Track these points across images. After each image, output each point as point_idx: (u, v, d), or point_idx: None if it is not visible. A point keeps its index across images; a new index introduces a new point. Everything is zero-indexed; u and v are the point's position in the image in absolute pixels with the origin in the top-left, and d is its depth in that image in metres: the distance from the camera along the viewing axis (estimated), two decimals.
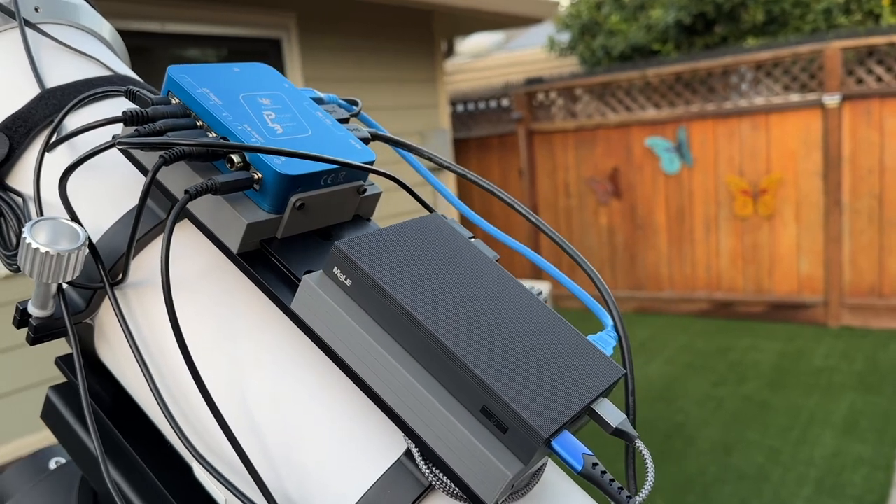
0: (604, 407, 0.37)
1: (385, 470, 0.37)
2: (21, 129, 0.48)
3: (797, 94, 5.18)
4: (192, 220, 0.42)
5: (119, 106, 0.50)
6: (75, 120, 0.49)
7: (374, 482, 0.37)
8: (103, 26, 0.60)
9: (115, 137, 0.40)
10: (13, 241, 0.48)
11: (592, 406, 0.37)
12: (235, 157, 0.40)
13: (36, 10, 0.54)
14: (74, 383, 0.50)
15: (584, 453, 0.34)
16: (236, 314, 0.43)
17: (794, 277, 5.38)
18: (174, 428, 0.39)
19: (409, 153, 0.51)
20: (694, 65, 5.49)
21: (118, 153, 0.46)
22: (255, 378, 0.41)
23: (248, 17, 4.09)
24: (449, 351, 0.35)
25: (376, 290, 0.36)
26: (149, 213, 0.45)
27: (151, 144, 0.38)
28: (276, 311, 0.42)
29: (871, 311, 5.14)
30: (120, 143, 0.38)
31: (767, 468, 3.42)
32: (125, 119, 0.40)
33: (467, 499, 0.35)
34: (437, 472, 0.36)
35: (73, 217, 0.42)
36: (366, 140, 0.49)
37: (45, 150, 0.45)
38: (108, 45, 0.60)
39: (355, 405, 0.40)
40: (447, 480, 0.36)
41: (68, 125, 0.48)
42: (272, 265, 0.41)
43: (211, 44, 4.12)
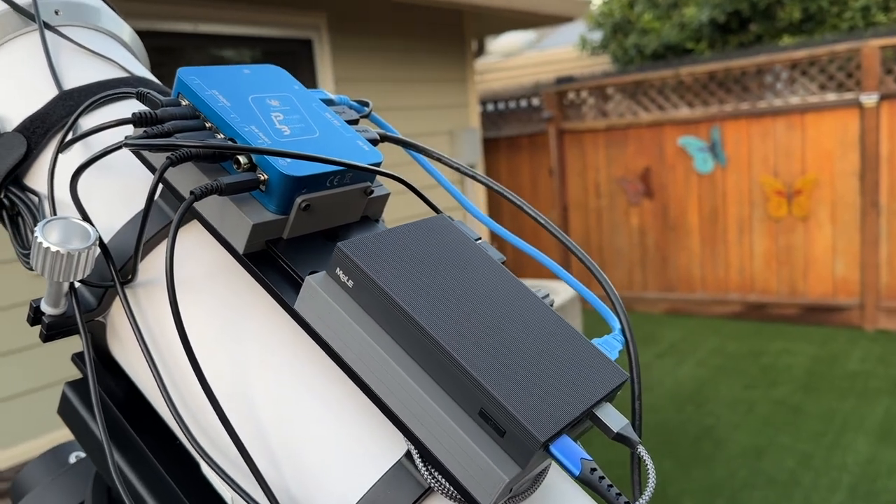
0: (606, 411, 0.37)
1: (385, 471, 0.37)
2: (39, 129, 0.49)
3: (834, 94, 5.09)
4: (200, 220, 0.42)
5: (134, 107, 0.51)
6: (91, 121, 0.49)
7: (374, 483, 0.37)
8: (123, 29, 0.61)
9: (127, 138, 0.40)
10: (30, 239, 0.49)
11: (594, 410, 0.37)
12: (242, 159, 0.41)
13: (56, 13, 0.55)
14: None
15: (582, 458, 0.34)
16: (243, 315, 0.43)
17: (829, 279, 5.28)
18: (179, 424, 0.39)
19: (420, 154, 0.51)
20: (728, 63, 5.42)
21: (132, 154, 0.47)
22: (260, 378, 0.41)
23: (280, 17, 4.13)
24: (447, 353, 0.35)
25: (377, 291, 0.36)
26: (160, 213, 0.45)
27: (158, 146, 0.39)
28: (282, 312, 0.43)
29: None
30: (127, 145, 0.39)
31: (799, 473, 3.37)
32: (134, 120, 0.41)
33: (465, 502, 0.35)
34: (435, 474, 0.36)
35: (85, 216, 0.43)
36: (374, 141, 0.49)
37: (59, 151, 0.45)
38: (128, 48, 0.61)
39: (358, 406, 0.40)
40: (445, 483, 0.36)
41: (84, 126, 0.49)
42: (278, 266, 0.41)
43: (243, 44, 4.17)
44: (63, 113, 0.49)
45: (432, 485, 0.36)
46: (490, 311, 0.38)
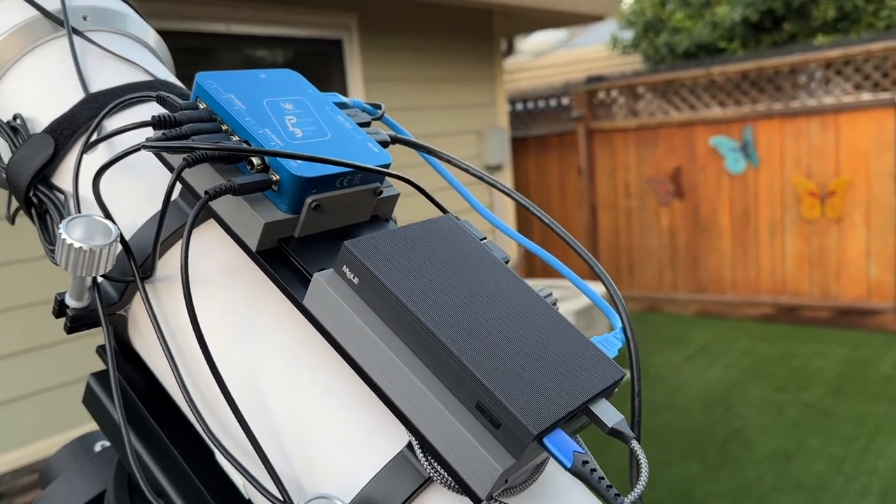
0: (602, 407, 0.38)
1: (388, 461, 0.39)
2: (66, 131, 0.52)
3: (869, 93, 5.01)
4: (216, 219, 0.44)
5: (156, 110, 0.53)
6: (115, 123, 0.52)
7: (377, 472, 0.39)
8: (149, 33, 0.63)
9: (147, 140, 0.42)
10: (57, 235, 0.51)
11: (590, 406, 0.38)
12: (255, 160, 0.42)
13: (84, 18, 0.58)
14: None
15: (575, 451, 0.35)
16: (257, 311, 0.45)
17: (862, 282, 5.20)
18: (193, 412, 0.41)
19: (430, 155, 0.53)
20: (761, 63, 5.36)
21: (153, 156, 0.49)
22: (271, 371, 0.43)
23: (311, 18, 4.17)
24: (445, 347, 0.36)
25: (380, 287, 0.38)
26: (179, 211, 0.47)
27: (175, 148, 0.41)
28: (293, 308, 0.44)
29: None
30: (146, 146, 0.41)
31: (828, 478, 3.32)
32: (154, 123, 0.43)
33: (462, 491, 0.37)
34: (434, 464, 0.37)
35: (107, 214, 0.45)
36: (385, 143, 0.50)
37: (84, 152, 0.48)
38: (153, 52, 0.63)
39: (364, 400, 0.41)
40: (444, 473, 0.37)
41: (108, 128, 0.51)
42: (289, 263, 0.43)
43: (275, 44, 4.22)
44: (89, 115, 0.51)
45: (432, 475, 0.37)
46: (490, 308, 0.40)
